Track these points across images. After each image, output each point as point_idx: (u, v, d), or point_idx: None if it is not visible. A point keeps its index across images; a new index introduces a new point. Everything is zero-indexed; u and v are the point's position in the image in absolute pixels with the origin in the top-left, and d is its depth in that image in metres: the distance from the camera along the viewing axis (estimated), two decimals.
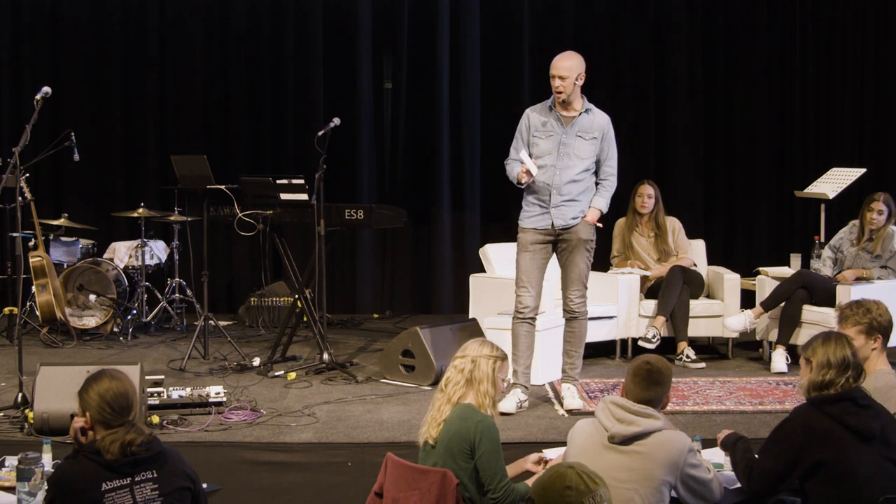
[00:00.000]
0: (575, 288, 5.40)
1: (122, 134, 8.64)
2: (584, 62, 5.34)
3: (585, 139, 5.33)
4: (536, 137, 5.37)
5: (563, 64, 5.29)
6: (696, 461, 3.28)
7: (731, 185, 8.86)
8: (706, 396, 5.65)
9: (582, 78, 5.30)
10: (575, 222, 5.33)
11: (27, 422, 4.81)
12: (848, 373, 3.35)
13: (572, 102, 5.33)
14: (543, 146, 5.34)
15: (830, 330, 3.65)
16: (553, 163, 5.31)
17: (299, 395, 5.66)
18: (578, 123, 5.33)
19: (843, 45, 8.71)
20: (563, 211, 5.32)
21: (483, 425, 3.41)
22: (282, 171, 7.10)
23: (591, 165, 5.39)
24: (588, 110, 5.38)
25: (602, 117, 5.42)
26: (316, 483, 4.55)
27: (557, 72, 5.28)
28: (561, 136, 5.31)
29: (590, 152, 5.35)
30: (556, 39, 8.65)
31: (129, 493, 2.96)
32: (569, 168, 5.30)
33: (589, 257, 5.41)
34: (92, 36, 8.60)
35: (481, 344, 3.64)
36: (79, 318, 7.32)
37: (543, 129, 5.35)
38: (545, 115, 5.38)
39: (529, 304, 5.36)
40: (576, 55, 5.37)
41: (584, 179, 5.36)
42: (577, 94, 5.33)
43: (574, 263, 5.37)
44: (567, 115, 5.34)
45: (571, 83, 5.26)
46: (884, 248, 6.37)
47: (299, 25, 8.61)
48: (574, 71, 5.27)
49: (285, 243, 6.64)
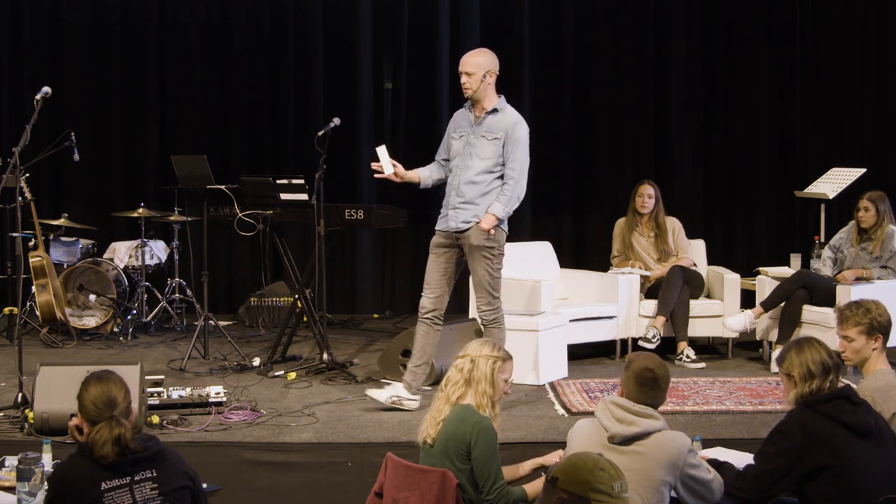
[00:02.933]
0: (479, 295, 5.23)
1: (122, 134, 8.64)
2: (495, 60, 5.21)
3: (488, 139, 5.16)
4: (452, 139, 5.28)
5: (469, 60, 5.18)
6: (695, 461, 3.28)
7: (731, 185, 8.86)
8: (706, 396, 5.65)
9: (492, 76, 5.16)
10: (466, 226, 5.15)
11: (27, 422, 4.81)
12: (831, 375, 3.34)
13: (481, 101, 5.19)
14: (455, 146, 5.25)
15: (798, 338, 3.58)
16: (458, 163, 5.21)
17: (299, 395, 5.66)
18: (485, 123, 5.19)
19: (842, 46, 8.71)
20: (457, 213, 5.18)
21: (480, 426, 3.40)
22: (282, 171, 7.10)
23: (494, 168, 5.16)
24: (497, 110, 5.20)
25: (510, 118, 5.20)
26: (316, 483, 4.55)
27: (463, 68, 5.17)
28: (469, 136, 5.20)
29: (491, 153, 5.15)
30: (556, 39, 8.68)
31: (129, 493, 2.97)
32: (468, 169, 5.16)
33: (489, 264, 5.16)
34: (92, 36, 8.60)
35: (482, 344, 3.63)
36: (79, 318, 7.32)
37: (458, 130, 5.27)
38: (462, 117, 5.29)
39: (427, 307, 5.27)
40: (485, 52, 5.25)
41: (484, 182, 5.15)
42: (489, 93, 5.18)
43: (473, 270, 5.22)
44: (477, 115, 5.22)
45: (478, 80, 5.12)
46: (883, 249, 6.36)
47: (299, 25, 8.61)
48: (481, 68, 5.13)
49: (285, 243, 6.64)
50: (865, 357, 3.80)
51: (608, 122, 8.74)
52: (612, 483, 2.44)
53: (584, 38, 8.67)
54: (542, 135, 8.67)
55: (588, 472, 2.45)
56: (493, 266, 5.18)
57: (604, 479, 2.44)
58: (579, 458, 2.51)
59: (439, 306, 5.30)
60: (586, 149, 8.77)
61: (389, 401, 5.23)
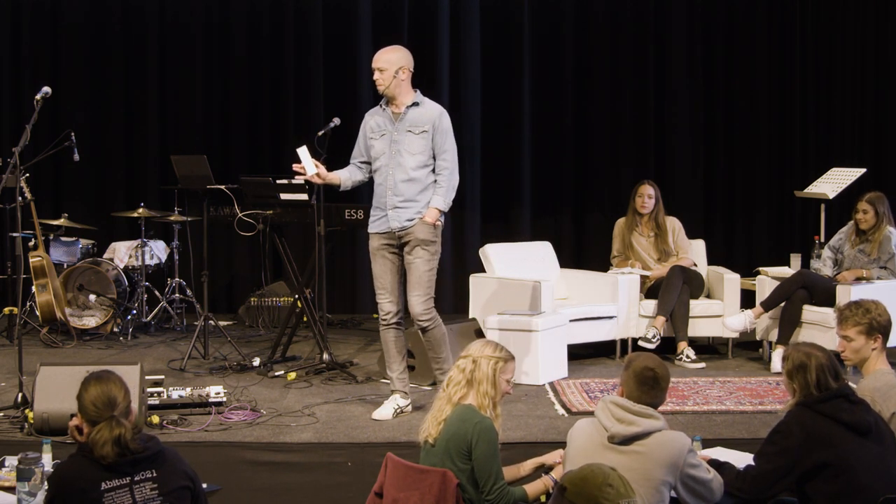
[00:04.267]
0: (415, 293, 5.16)
1: (122, 134, 8.65)
2: (409, 57, 5.19)
3: (415, 133, 5.12)
4: (372, 139, 5.22)
5: (382, 56, 5.15)
6: (695, 461, 3.28)
7: (731, 185, 8.86)
8: (706, 396, 5.65)
9: (405, 72, 5.13)
10: (411, 224, 5.13)
11: (27, 422, 4.81)
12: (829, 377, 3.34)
13: (398, 97, 5.15)
14: (378, 147, 5.20)
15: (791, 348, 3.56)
16: (387, 162, 5.16)
17: (299, 395, 5.66)
18: (407, 118, 5.15)
19: (843, 45, 8.71)
20: (399, 213, 5.13)
21: (481, 427, 3.41)
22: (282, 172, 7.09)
23: (428, 161, 5.15)
24: (417, 104, 5.17)
25: (433, 110, 5.18)
26: (316, 483, 4.55)
27: (375, 64, 5.14)
28: (392, 134, 5.16)
29: (421, 147, 5.12)
30: (556, 39, 8.68)
31: (129, 493, 2.97)
32: (401, 166, 5.12)
33: (429, 259, 5.15)
34: (92, 36, 8.61)
35: (484, 344, 3.63)
36: (79, 318, 7.32)
37: (377, 130, 5.22)
38: (379, 116, 5.24)
39: (390, 310, 5.25)
40: (399, 49, 5.23)
41: (420, 178, 5.13)
42: (404, 89, 5.15)
43: (412, 266, 5.17)
44: (397, 111, 5.18)
45: (390, 76, 5.09)
46: (881, 251, 6.36)
47: (299, 25, 8.61)
48: (393, 64, 5.09)
49: (285, 243, 6.64)
50: (865, 357, 3.81)
51: (608, 122, 8.74)
52: (619, 501, 2.43)
53: (584, 37, 8.67)
54: (543, 135, 8.72)
55: (597, 488, 2.44)
56: (432, 262, 5.19)
57: (611, 497, 2.43)
58: (591, 471, 2.49)
59: (400, 307, 5.29)
60: (586, 149, 8.77)
61: (394, 414, 5.24)
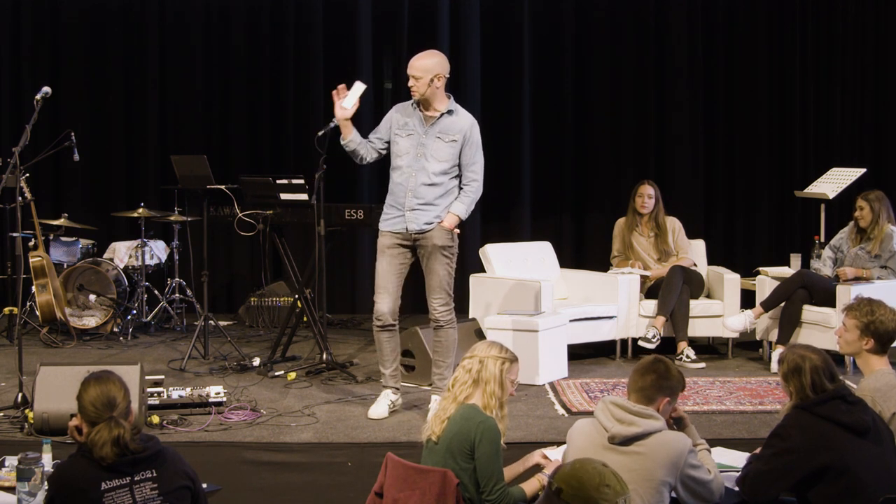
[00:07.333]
0: (436, 296, 5.18)
1: (122, 134, 8.64)
2: (444, 63, 5.17)
3: (445, 141, 5.12)
4: (398, 136, 5.22)
5: (417, 63, 5.14)
6: (696, 462, 3.28)
7: (731, 185, 8.86)
8: (706, 396, 5.65)
9: (441, 79, 5.11)
10: (429, 227, 5.13)
11: (27, 422, 4.81)
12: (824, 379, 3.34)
13: (432, 103, 5.15)
14: (403, 145, 5.19)
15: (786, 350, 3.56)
16: (410, 163, 5.16)
17: (299, 395, 5.66)
18: (439, 124, 5.15)
19: (843, 46, 8.71)
20: (417, 215, 5.13)
21: (484, 426, 3.41)
22: (282, 171, 7.10)
23: (452, 169, 5.16)
24: (451, 112, 5.16)
25: (465, 120, 5.18)
26: (316, 483, 4.55)
27: (410, 71, 5.14)
28: (421, 137, 5.16)
29: (448, 155, 5.13)
30: (556, 39, 8.68)
31: (129, 493, 2.96)
32: (424, 170, 5.12)
33: (449, 263, 5.18)
34: (91, 35, 8.61)
35: (490, 345, 3.64)
36: (79, 318, 7.32)
37: (405, 128, 5.21)
38: (408, 115, 5.23)
39: (385, 312, 5.22)
40: (435, 55, 5.21)
41: (442, 183, 5.14)
42: (439, 95, 5.14)
43: (433, 271, 5.18)
44: (429, 116, 5.18)
45: (425, 84, 5.08)
46: (883, 249, 6.36)
47: (299, 25, 8.61)
48: (429, 72, 5.08)
49: (285, 243, 6.64)
50: (855, 351, 3.82)
51: (608, 122, 8.74)
52: (616, 500, 2.41)
53: (584, 38, 8.67)
54: (543, 134, 8.72)
55: (594, 489, 2.40)
56: (451, 266, 5.22)
57: (609, 497, 2.40)
58: (585, 471, 2.45)
59: (395, 310, 5.28)
60: (586, 149, 8.77)
61: (389, 410, 5.25)
